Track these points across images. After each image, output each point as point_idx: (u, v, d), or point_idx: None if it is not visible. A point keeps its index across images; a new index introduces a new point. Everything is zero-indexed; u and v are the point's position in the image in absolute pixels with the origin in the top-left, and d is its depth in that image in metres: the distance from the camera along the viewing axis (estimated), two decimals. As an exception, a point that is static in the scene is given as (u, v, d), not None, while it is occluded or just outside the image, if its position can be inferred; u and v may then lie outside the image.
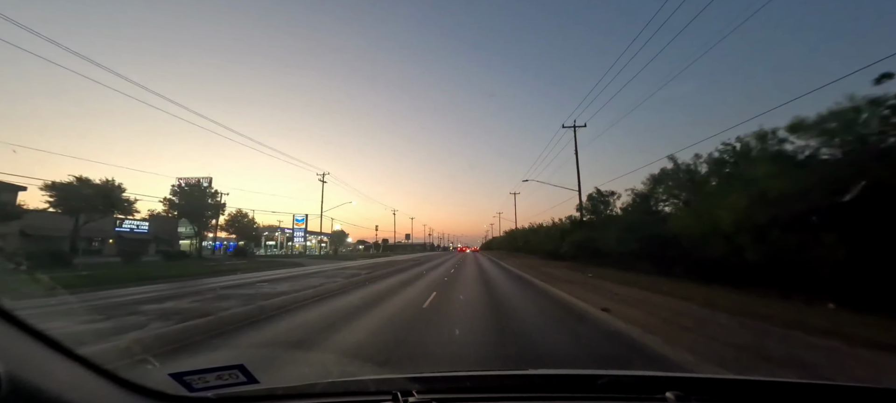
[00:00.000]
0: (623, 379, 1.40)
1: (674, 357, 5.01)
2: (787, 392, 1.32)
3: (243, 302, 9.00)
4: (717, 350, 5.07)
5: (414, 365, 4.61)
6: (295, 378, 2.94)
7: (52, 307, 8.62)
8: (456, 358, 4.97)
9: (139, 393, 1.20)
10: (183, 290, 11.92)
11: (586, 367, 4.51)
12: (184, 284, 14.07)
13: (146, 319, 6.93)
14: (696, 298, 9.33)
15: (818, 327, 6.16)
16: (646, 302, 9.11)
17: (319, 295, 10.87)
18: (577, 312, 8.41)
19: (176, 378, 1.26)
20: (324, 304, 9.30)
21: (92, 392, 1.07)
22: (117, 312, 7.77)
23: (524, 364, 4.68)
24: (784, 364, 4.53)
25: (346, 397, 1.36)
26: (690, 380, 1.49)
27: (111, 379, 1.15)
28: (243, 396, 1.36)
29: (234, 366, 1.30)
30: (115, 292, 11.56)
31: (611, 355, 5.23)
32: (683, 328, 6.43)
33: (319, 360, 4.91)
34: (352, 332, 6.27)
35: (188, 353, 5.10)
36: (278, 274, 18.65)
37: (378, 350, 5.12)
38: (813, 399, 1.27)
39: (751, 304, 8.39)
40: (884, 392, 1.27)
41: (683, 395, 1.20)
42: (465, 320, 7.39)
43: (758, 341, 5.55)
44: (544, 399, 1.25)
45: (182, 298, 9.92)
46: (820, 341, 5.47)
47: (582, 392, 1.36)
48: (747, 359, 4.73)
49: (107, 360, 1.33)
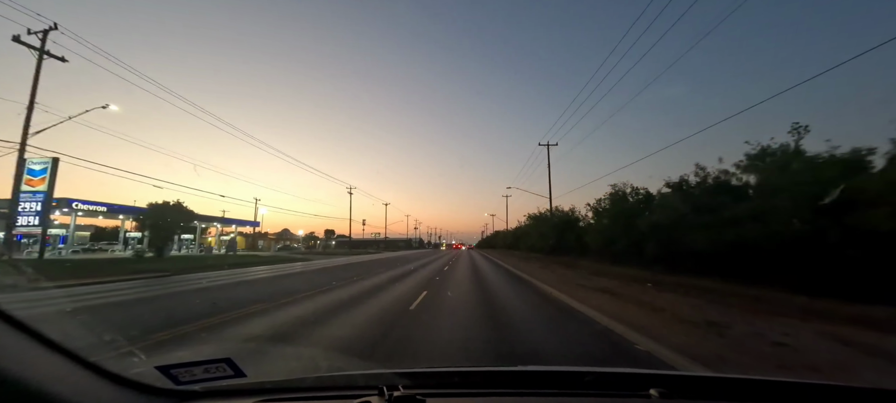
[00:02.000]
0: (609, 376, 1.43)
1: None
2: (771, 390, 1.36)
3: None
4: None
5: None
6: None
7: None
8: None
9: (125, 386, 1.18)
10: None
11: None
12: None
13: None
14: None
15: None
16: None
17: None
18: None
19: (162, 371, 1.25)
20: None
21: (75, 385, 1.05)
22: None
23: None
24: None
25: (334, 391, 1.36)
26: (674, 378, 1.53)
27: (95, 372, 1.13)
28: (231, 390, 1.36)
29: (222, 359, 1.29)
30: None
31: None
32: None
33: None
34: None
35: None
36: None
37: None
38: (796, 397, 1.29)
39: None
40: (872, 392, 1.30)
41: (667, 392, 1.22)
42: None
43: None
44: (532, 395, 1.26)
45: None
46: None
47: (569, 388, 1.38)
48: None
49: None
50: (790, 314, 7.16)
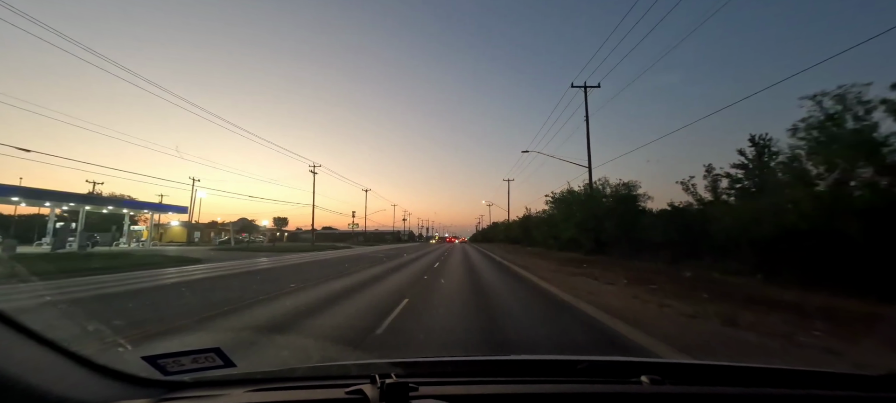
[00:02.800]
0: (601, 364, 1.44)
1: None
2: (759, 376, 1.39)
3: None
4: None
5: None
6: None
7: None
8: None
9: (111, 377, 1.16)
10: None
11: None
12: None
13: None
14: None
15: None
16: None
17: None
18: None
19: (149, 362, 1.22)
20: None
21: (59, 376, 1.02)
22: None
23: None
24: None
25: (326, 380, 1.35)
26: (665, 365, 1.56)
27: (80, 362, 1.10)
28: (221, 380, 1.33)
29: (210, 349, 1.27)
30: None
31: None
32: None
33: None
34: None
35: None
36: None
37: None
38: (784, 384, 1.32)
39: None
40: (857, 379, 1.34)
41: (659, 379, 1.24)
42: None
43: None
44: (524, 383, 1.26)
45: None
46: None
47: (562, 375, 1.39)
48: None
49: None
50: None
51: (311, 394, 1.17)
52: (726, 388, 1.28)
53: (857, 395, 1.27)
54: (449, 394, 1.10)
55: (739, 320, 5.94)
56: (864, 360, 4.30)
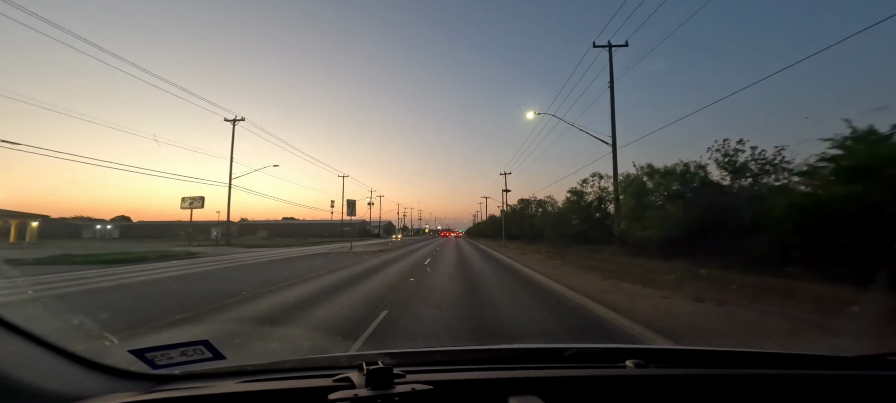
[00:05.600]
0: (588, 351, 1.48)
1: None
2: (738, 359, 1.44)
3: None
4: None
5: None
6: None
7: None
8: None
9: (98, 371, 1.14)
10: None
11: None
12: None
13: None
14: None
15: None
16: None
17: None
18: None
19: (137, 355, 1.20)
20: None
21: (44, 370, 1.01)
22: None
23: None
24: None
25: (315, 371, 1.36)
26: (650, 351, 1.61)
27: (65, 357, 1.09)
28: (210, 373, 1.33)
29: (199, 342, 1.27)
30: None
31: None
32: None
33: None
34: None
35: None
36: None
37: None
38: (768, 366, 1.37)
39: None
40: (845, 360, 1.40)
41: (643, 363, 1.29)
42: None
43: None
44: (511, 369, 1.29)
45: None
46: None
47: (550, 362, 1.42)
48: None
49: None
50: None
51: (300, 383, 1.18)
52: (706, 370, 1.33)
53: (832, 374, 1.33)
54: (435, 380, 1.11)
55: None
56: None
